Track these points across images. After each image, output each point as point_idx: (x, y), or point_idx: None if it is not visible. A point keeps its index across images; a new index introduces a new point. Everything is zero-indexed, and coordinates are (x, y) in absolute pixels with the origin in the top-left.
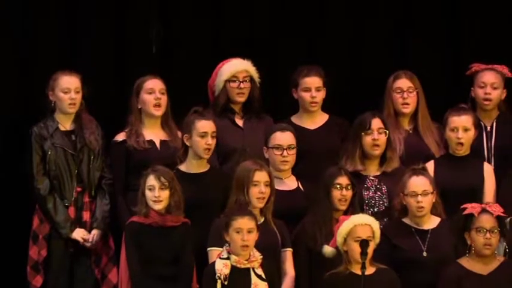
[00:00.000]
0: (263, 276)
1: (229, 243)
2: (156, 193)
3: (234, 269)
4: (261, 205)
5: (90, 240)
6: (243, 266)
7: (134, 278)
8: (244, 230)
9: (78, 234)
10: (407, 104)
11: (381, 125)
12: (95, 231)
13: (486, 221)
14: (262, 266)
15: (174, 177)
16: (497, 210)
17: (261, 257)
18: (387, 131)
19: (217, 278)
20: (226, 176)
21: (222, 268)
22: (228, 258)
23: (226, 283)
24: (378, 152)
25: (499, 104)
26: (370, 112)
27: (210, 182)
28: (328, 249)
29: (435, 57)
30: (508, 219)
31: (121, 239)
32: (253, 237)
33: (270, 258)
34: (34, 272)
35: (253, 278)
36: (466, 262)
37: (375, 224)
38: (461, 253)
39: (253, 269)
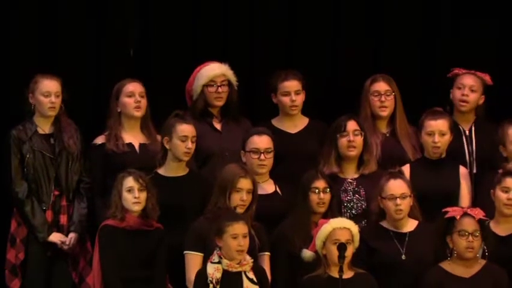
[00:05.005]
0: (254, 279)
1: (221, 248)
2: (136, 194)
3: (225, 273)
4: (241, 211)
5: (67, 243)
6: (234, 270)
7: (108, 281)
8: (240, 235)
9: (55, 237)
10: (385, 107)
11: (357, 127)
12: (72, 235)
13: (468, 224)
14: (253, 269)
15: (149, 181)
16: (479, 214)
17: (252, 260)
18: (363, 133)
19: (209, 282)
20: (205, 180)
21: (213, 272)
22: (219, 263)
23: (218, 287)
24: (353, 153)
25: (477, 109)
26: (347, 115)
27: (189, 186)
28: (307, 253)
29: (411, 60)
30: (487, 222)
31: None
32: (247, 241)
33: None
34: (12, 275)
35: (245, 281)
36: (448, 266)
37: (354, 228)
38: (442, 257)
39: (244, 272)
